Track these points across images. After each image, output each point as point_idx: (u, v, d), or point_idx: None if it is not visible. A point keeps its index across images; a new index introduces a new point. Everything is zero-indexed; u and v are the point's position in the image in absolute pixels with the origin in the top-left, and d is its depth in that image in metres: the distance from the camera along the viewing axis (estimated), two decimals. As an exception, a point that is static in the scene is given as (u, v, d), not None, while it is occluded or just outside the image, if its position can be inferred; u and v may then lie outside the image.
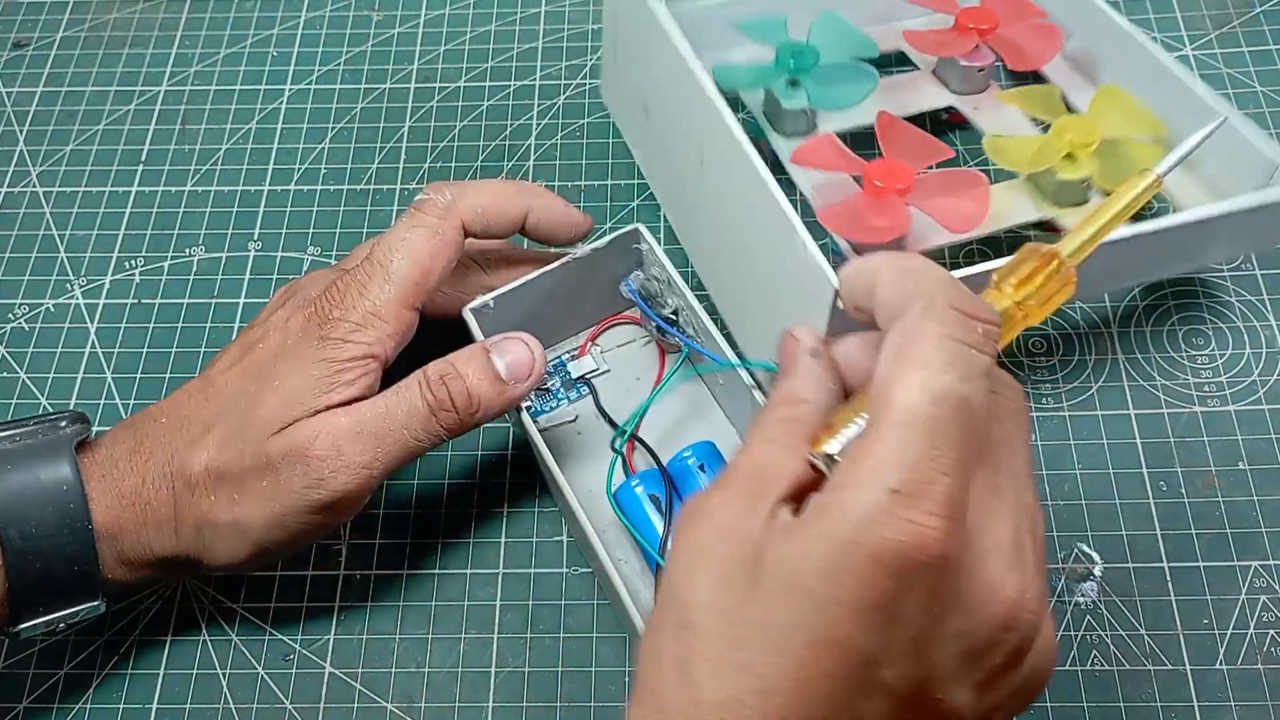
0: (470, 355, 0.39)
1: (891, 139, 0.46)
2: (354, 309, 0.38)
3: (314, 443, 0.36)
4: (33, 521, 0.35)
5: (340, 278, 0.39)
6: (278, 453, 0.36)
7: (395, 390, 0.38)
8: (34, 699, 0.41)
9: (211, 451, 0.37)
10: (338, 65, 0.58)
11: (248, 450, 0.37)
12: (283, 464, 0.36)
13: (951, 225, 0.43)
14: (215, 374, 0.39)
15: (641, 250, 0.44)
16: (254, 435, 0.37)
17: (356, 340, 0.38)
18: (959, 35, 0.50)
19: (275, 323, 0.39)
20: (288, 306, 0.40)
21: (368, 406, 0.37)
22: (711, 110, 0.41)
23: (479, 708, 0.40)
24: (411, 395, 0.38)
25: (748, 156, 0.39)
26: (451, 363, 0.39)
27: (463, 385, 0.38)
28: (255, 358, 0.39)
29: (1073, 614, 0.40)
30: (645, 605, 0.39)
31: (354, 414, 0.37)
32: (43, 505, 0.35)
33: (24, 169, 0.55)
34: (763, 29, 0.49)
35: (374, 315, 0.38)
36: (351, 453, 0.37)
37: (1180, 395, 0.45)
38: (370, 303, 0.38)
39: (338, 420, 0.37)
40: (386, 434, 0.37)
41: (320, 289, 0.39)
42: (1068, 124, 0.45)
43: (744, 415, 0.43)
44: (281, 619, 0.42)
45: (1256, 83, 0.54)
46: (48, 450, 0.36)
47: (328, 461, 0.36)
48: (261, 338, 0.39)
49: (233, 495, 0.37)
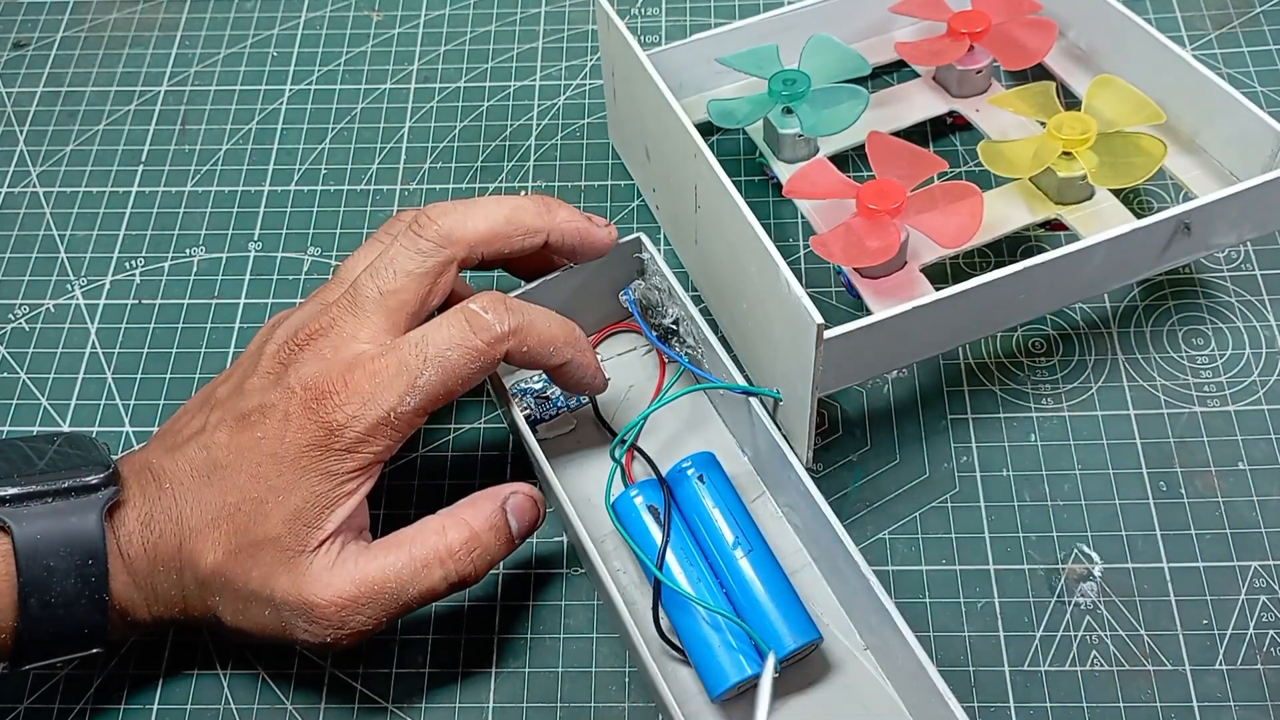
0: (492, 523, 0.38)
1: (882, 158, 0.46)
2: (364, 416, 0.36)
3: (319, 603, 0.35)
4: (54, 593, 0.34)
5: (353, 369, 0.36)
6: (282, 598, 0.36)
7: (413, 563, 0.36)
8: (34, 699, 0.41)
9: (219, 555, 0.36)
10: (338, 65, 0.58)
11: (254, 576, 0.36)
12: (286, 610, 0.36)
13: (944, 241, 0.43)
14: (214, 445, 0.37)
15: (643, 259, 0.44)
16: (260, 563, 0.36)
17: (363, 451, 0.36)
18: (952, 42, 0.50)
19: (273, 403, 0.36)
20: (282, 385, 0.37)
21: (378, 573, 0.36)
22: (696, 151, 0.42)
23: (479, 708, 0.40)
24: (431, 575, 0.36)
25: (730, 196, 0.40)
26: (477, 533, 0.37)
27: (487, 561, 0.37)
28: (253, 446, 0.36)
29: (1073, 614, 0.40)
30: (642, 615, 0.40)
31: (364, 583, 0.36)
32: (65, 576, 0.35)
33: (24, 169, 0.55)
34: (755, 60, 0.49)
35: (386, 425, 0.36)
36: (356, 621, 0.36)
37: (1180, 395, 0.45)
38: (384, 411, 0.36)
39: (345, 588, 0.36)
40: (394, 601, 0.36)
41: (318, 366, 0.37)
42: (1063, 121, 0.45)
43: (744, 426, 0.43)
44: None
45: (1256, 83, 0.54)
46: (80, 521, 0.35)
47: (331, 623, 0.36)
48: (258, 416, 0.36)
49: (237, 607, 0.37)
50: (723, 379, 0.42)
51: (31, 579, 0.34)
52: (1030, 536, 0.42)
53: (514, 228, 0.40)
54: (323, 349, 0.37)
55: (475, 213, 0.39)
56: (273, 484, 0.36)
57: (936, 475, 0.44)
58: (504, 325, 0.37)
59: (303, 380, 0.36)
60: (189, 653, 0.41)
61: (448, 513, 0.38)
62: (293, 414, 0.36)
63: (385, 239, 0.41)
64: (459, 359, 0.36)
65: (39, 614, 0.35)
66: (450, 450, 0.45)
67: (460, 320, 0.37)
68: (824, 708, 0.38)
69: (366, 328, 0.37)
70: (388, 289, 0.38)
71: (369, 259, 0.40)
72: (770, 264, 0.38)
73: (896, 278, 0.44)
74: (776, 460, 0.40)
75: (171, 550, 0.36)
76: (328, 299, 0.39)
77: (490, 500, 0.38)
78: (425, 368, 0.36)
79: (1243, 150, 0.45)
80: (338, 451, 0.36)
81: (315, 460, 0.36)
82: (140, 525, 0.36)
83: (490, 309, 0.37)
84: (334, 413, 0.36)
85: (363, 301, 0.38)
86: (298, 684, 0.41)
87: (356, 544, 0.37)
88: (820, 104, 0.48)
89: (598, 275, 0.44)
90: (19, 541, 0.34)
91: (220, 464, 0.37)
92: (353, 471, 0.36)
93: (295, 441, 0.36)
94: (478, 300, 0.38)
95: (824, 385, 0.38)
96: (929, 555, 0.42)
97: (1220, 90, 0.44)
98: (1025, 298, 0.41)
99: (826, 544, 0.39)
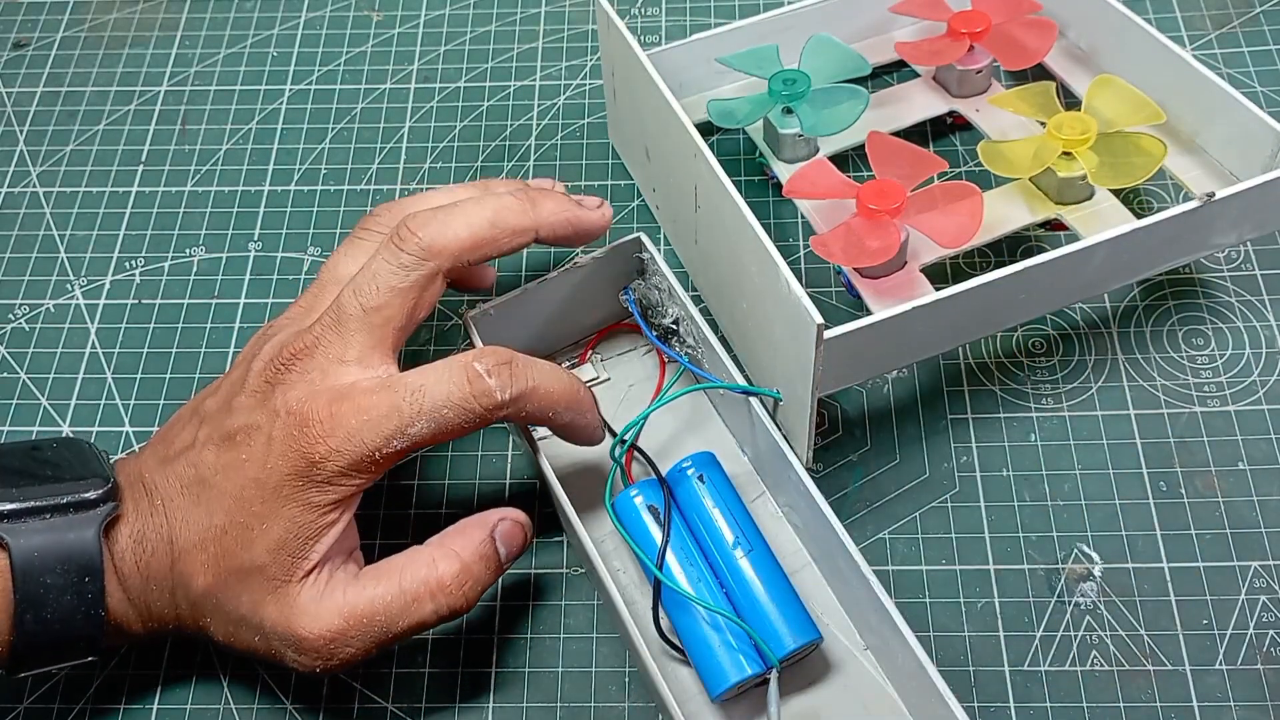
0: (482, 552, 0.37)
1: (882, 158, 0.46)
2: (346, 452, 0.35)
3: (307, 636, 0.35)
4: (50, 608, 0.34)
5: (341, 400, 0.35)
6: (270, 627, 0.36)
7: (403, 596, 0.36)
8: (34, 699, 0.41)
9: (209, 577, 0.36)
10: (338, 65, 0.58)
11: (243, 600, 0.36)
12: (275, 638, 0.36)
13: (944, 241, 0.43)
14: (202, 463, 0.36)
15: (643, 258, 0.44)
16: (249, 589, 0.35)
17: (344, 485, 0.35)
18: (952, 42, 0.50)
19: (258, 424, 0.36)
20: (267, 407, 0.36)
21: (366, 605, 0.35)
22: (696, 151, 0.42)
23: (479, 708, 0.40)
24: (421, 609, 0.36)
25: (730, 196, 0.40)
26: (467, 564, 0.37)
27: (477, 592, 0.37)
28: (237, 467, 0.36)
29: (1073, 614, 0.40)
30: (642, 615, 0.40)
31: (352, 615, 0.35)
32: (62, 593, 0.34)
33: (24, 169, 0.55)
34: (755, 60, 0.49)
35: (369, 462, 0.35)
36: (344, 653, 0.36)
37: (1180, 395, 0.45)
38: (368, 450, 0.35)
39: (333, 621, 0.35)
40: (383, 633, 0.36)
41: (304, 391, 0.36)
42: (1063, 121, 0.45)
43: (744, 426, 0.43)
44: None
45: (1256, 83, 0.54)
46: (77, 538, 0.35)
47: (320, 654, 0.36)
48: (243, 437, 0.36)
49: (228, 629, 0.36)
50: (723, 379, 0.42)
51: (27, 595, 0.34)
52: (1030, 536, 0.42)
53: (498, 231, 0.39)
54: (309, 371, 0.36)
55: (456, 220, 0.38)
56: (256, 510, 0.35)
57: (936, 475, 0.44)
58: (505, 394, 0.36)
59: (288, 404, 0.36)
60: (189, 653, 0.41)
61: (437, 543, 0.37)
62: (275, 439, 0.35)
63: (364, 235, 0.41)
64: (453, 418, 0.35)
65: (34, 629, 0.34)
66: (450, 450, 0.45)
67: (462, 380, 0.35)
68: (824, 708, 0.38)
69: (354, 347, 0.37)
70: (371, 305, 0.37)
71: (349, 258, 0.40)
72: (770, 264, 0.38)
73: (896, 278, 0.44)
74: (776, 460, 0.40)
75: (164, 569, 0.36)
76: (313, 306, 0.39)
77: (480, 528, 0.38)
78: (418, 419, 0.35)
79: (1243, 150, 0.45)
80: (319, 483, 0.35)
81: (296, 490, 0.35)
82: (133, 543, 0.36)
83: (495, 374, 0.36)
84: (316, 445, 0.35)
85: (346, 320, 0.37)
86: (298, 684, 0.41)
87: (345, 570, 0.36)
88: (820, 104, 0.48)
89: (598, 275, 0.44)
90: (16, 558, 0.34)
91: (207, 483, 0.36)
92: (332, 504, 0.35)
93: (277, 468, 0.35)
94: (483, 360, 0.36)
95: (824, 385, 0.38)
96: (929, 555, 0.42)
97: (1220, 90, 0.44)
98: (1025, 298, 0.41)
99: (826, 544, 0.39)
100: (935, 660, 0.36)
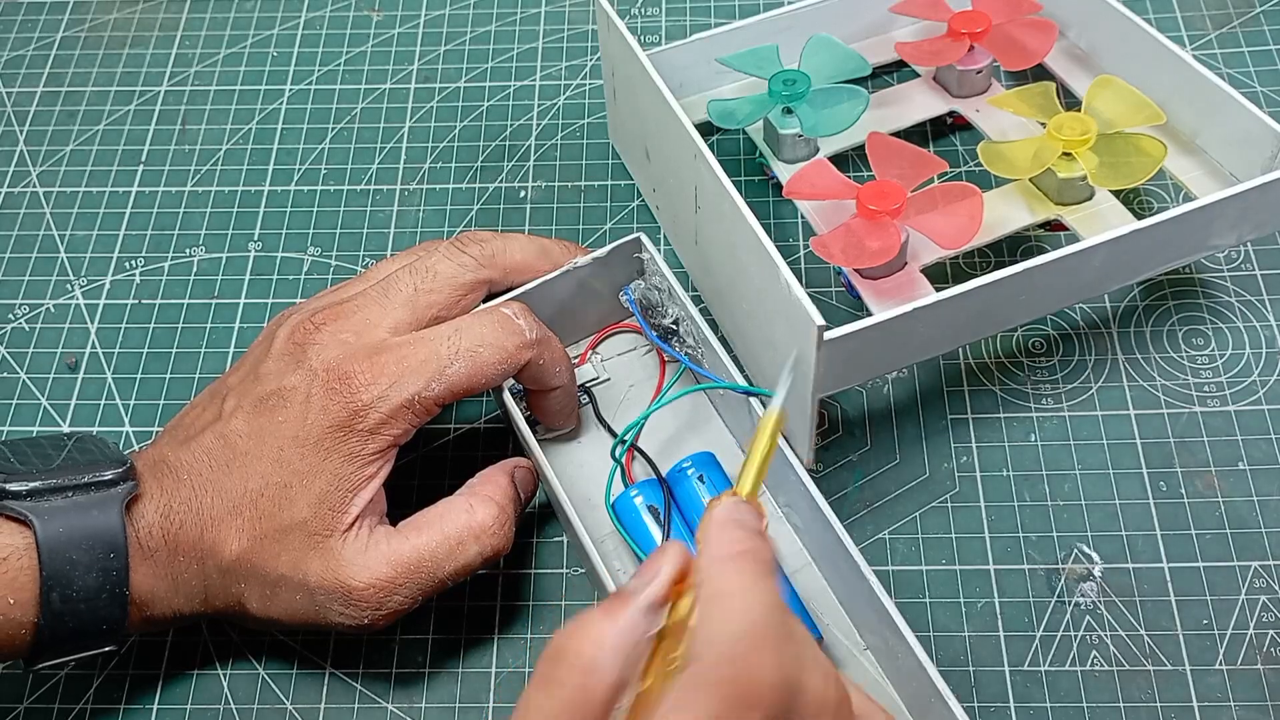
0: (511, 495, 0.39)
1: (882, 158, 0.46)
2: (389, 398, 0.36)
3: (358, 586, 0.36)
4: (75, 587, 0.35)
5: (379, 353, 0.37)
6: (316, 583, 0.36)
7: (447, 541, 0.37)
8: (34, 699, 0.41)
9: (244, 542, 0.36)
10: (338, 65, 0.58)
11: (283, 560, 0.36)
12: (321, 594, 0.36)
13: (944, 242, 0.43)
14: (232, 433, 0.37)
15: (643, 259, 0.44)
16: (288, 548, 0.36)
17: (385, 433, 0.37)
18: (952, 42, 0.50)
19: (293, 386, 0.37)
20: (303, 367, 0.37)
21: (412, 553, 0.36)
22: (696, 151, 0.42)
23: (479, 708, 0.40)
24: (466, 552, 0.37)
25: (730, 197, 0.40)
26: (503, 507, 0.38)
27: (513, 532, 0.39)
28: (274, 430, 0.37)
29: (1073, 614, 0.40)
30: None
31: (400, 564, 0.36)
32: (87, 571, 0.35)
33: (24, 169, 0.55)
34: (755, 60, 0.49)
35: (409, 409, 0.37)
36: (394, 602, 0.36)
37: (1180, 395, 0.45)
38: (409, 395, 0.36)
39: (382, 569, 0.36)
40: (430, 579, 0.37)
41: (340, 350, 0.37)
42: (1063, 122, 0.45)
43: (744, 426, 0.43)
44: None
45: (1256, 83, 0.54)
46: (101, 515, 0.35)
47: (370, 604, 0.36)
48: (277, 400, 0.37)
49: (265, 593, 0.37)
50: (723, 379, 0.42)
51: (54, 573, 0.34)
52: (1030, 536, 0.42)
53: (544, 262, 0.42)
54: (342, 332, 0.38)
55: (512, 243, 0.42)
56: (296, 468, 0.36)
57: (936, 475, 0.44)
58: (533, 333, 0.39)
59: (325, 363, 0.37)
60: (189, 652, 0.41)
61: (469, 492, 0.39)
62: (314, 396, 0.37)
63: (420, 252, 0.42)
64: (489, 357, 0.38)
65: (60, 609, 0.35)
66: (450, 450, 0.45)
67: (494, 320, 0.38)
68: (824, 708, 0.38)
69: (390, 319, 0.38)
70: (424, 288, 0.39)
71: (403, 263, 0.41)
72: (770, 264, 0.38)
73: (896, 278, 0.44)
74: (776, 460, 0.40)
75: (192, 540, 0.36)
76: (346, 294, 0.40)
77: (502, 474, 0.40)
78: (456, 359, 0.37)
79: (1243, 151, 0.45)
80: (360, 432, 0.36)
81: (338, 442, 0.36)
82: (160, 517, 0.36)
83: (521, 315, 0.39)
84: (359, 393, 0.36)
85: (395, 294, 0.39)
86: (298, 684, 0.41)
87: (383, 527, 0.37)
88: (820, 104, 0.48)
89: (598, 275, 0.44)
90: (42, 536, 0.34)
91: (239, 451, 0.37)
92: (374, 454, 0.37)
93: (318, 423, 0.36)
94: (509, 305, 0.39)
95: (824, 386, 0.38)
96: (929, 555, 0.42)
97: (1220, 90, 0.44)
98: (1025, 298, 0.41)
99: (826, 544, 0.39)
100: (935, 660, 0.36)
